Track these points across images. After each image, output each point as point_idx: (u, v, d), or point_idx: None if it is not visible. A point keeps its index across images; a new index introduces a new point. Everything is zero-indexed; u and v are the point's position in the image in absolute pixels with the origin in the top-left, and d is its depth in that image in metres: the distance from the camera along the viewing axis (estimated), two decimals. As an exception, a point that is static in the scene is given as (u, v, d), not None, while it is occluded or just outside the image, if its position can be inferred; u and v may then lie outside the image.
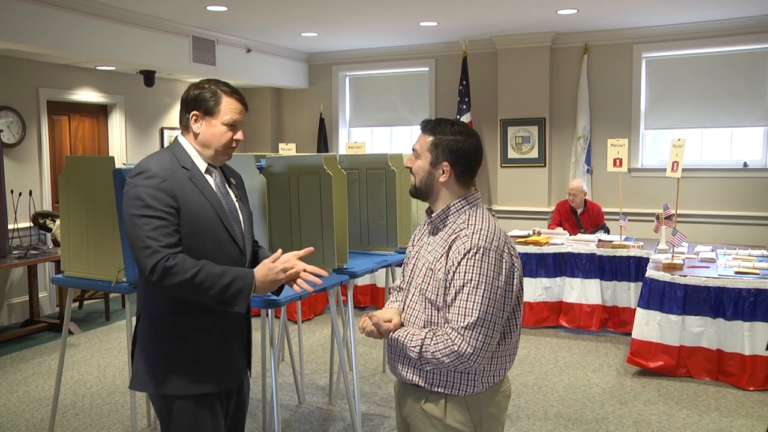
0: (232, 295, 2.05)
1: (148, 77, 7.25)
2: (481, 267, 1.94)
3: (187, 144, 2.22)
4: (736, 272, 4.72)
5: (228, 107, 2.18)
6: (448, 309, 1.97)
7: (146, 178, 2.07)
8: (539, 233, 6.35)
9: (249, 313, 2.29)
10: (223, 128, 2.19)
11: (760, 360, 4.47)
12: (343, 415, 4.24)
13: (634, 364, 4.86)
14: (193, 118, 2.19)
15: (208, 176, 2.21)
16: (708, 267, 4.97)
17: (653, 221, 5.71)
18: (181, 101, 2.24)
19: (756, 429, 3.96)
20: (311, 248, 2.27)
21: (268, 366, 3.94)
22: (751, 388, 4.50)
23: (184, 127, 2.23)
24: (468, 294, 1.93)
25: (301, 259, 2.21)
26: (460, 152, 2.05)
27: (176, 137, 2.26)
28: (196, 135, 2.20)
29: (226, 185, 2.28)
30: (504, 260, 1.98)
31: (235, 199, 2.29)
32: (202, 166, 2.21)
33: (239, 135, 2.23)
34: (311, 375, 4.99)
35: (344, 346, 4.67)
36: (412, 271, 2.16)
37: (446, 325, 1.98)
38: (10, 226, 5.95)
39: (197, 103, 2.18)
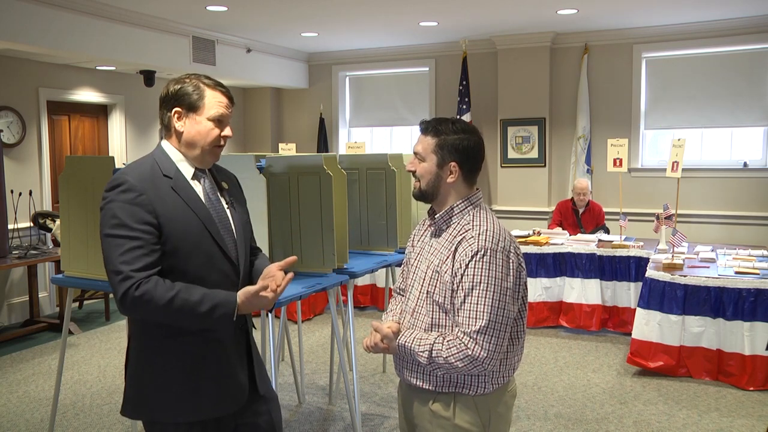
0: (215, 321, 1.90)
1: (148, 77, 7.25)
2: (489, 269, 1.92)
3: (170, 148, 2.02)
4: (736, 272, 4.72)
5: (213, 101, 2.00)
6: (457, 312, 1.95)
7: (121, 192, 1.88)
8: (539, 233, 6.35)
9: (247, 328, 2.15)
10: (209, 124, 1.99)
11: (760, 360, 4.47)
12: (343, 415, 4.24)
13: (634, 364, 4.86)
14: (176, 115, 1.99)
15: (195, 183, 2.02)
16: (708, 267, 4.97)
17: (653, 221, 5.71)
18: (160, 100, 2.04)
19: (756, 429, 3.96)
20: (293, 257, 2.04)
21: (268, 366, 3.93)
22: (751, 388, 4.50)
23: (166, 127, 2.03)
24: (478, 297, 1.92)
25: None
26: (467, 151, 2.03)
27: (159, 143, 2.06)
28: (179, 134, 2.00)
29: (217, 191, 2.09)
30: (511, 260, 1.98)
31: (226, 206, 2.09)
32: (188, 172, 2.01)
33: (227, 131, 2.04)
34: (311, 375, 4.99)
35: (344, 346, 4.67)
36: (413, 273, 2.13)
37: (456, 329, 1.95)
38: (10, 226, 5.95)
39: (178, 98, 1.99)
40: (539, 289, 5.96)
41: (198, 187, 2.03)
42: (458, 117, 7.34)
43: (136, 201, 1.88)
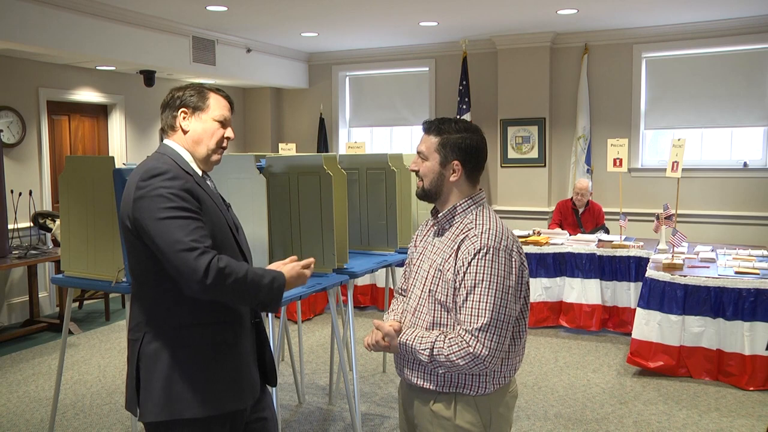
0: (274, 292, 1.96)
1: (148, 77, 7.25)
2: (491, 267, 1.93)
3: (178, 147, 2.07)
4: (736, 272, 4.72)
5: (217, 103, 2.09)
6: (459, 310, 1.96)
7: (168, 180, 1.91)
8: (539, 233, 6.35)
9: (260, 324, 2.19)
10: (214, 124, 2.08)
11: (760, 360, 4.47)
12: (343, 415, 4.24)
13: (634, 364, 4.86)
14: (182, 115, 2.07)
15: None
16: (708, 267, 4.97)
17: (653, 221, 5.71)
18: (163, 105, 2.12)
19: (756, 429, 3.96)
20: (312, 260, 2.15)
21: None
22: (751, 388, 4.50)
23: (171, 127, 2.09)
24: (480, 295, 1.92)
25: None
26: (469, 149, 2.04)
27: (163, 143, 2.10)
28: (185, 132, 2.07)
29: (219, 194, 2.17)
30: (514, 259, 1.98)
31: (227, 210, 2.17)
32: (198, 172, 2.08)
33: (230, 132, 2.12)
34: (311, 375, 4.99)
35: (344, 346, 4.67)
36: (416, 273, 2.14)
37: (458, 327, 1.95)
38: (10, 226, 5.94)
39: (184, 100, 2.07)
40: (539, 289, 5.96)
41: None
42: (458, 117, 7.33)
43: (185, 188, 1.92)
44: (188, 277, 1.84)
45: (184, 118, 2.07)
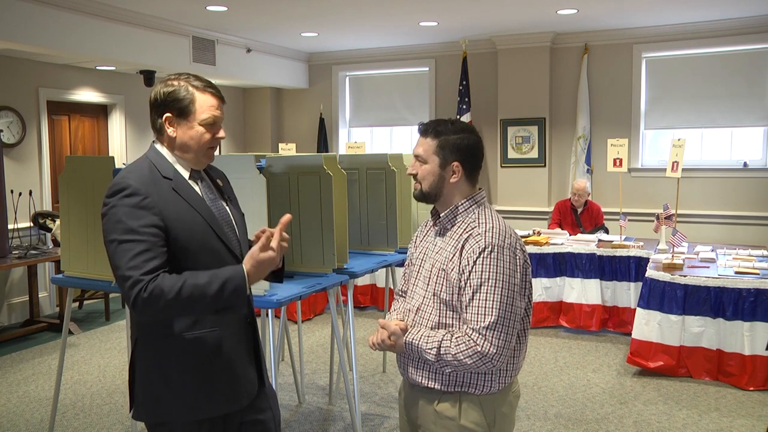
0: (229, 297, 1.87)
1: (148, 77, 7.24)
2: (497, 265, 1.93)
3: (164, 150, 2.02)
4: (736, 272, 4.72)
5: (204, 105, 1.98)
6: (465, 309, 1.95)
7: (126, 197, 1.87)
8: (539, 233, 6.35)
9: (254, 322, 2.17)
10: (201, 129, 1.98)
11: (760, 360, 4.47)
12: (343, 415, 4.24)
13: (634, 364, 4.86)
14: (167, 121, 1.98)
15: (192, 183, 2.03)
16: (708, 267, 4.97)
17: (653, 221, 5.71)
18: (150, 103, 2.01)
19: (756, 429, 3.96)
20: (288, 216, 1.98)
21: (268, 366, 3.92)
22: (751, 388, 4.50)
23: (158, 131, 2.01)
24: (486, 293, 1.92)
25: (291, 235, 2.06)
26: (468, 149, 2.04)
27: (152, 144, 2.06)
28: (172, 140, 2.00)
29: (214, 189, 2.11)
30: (518, 257, 1.98)
31: (225, 204, 2.11)
32: (185, 172, 2.02)
33: (220, 133, 2.03)
34: (311, 375, 4.99)
35: (344, 346, 4.67)
36: (417, 273, 2.13)
37: (465, 326, 1.95)
38: (10, 226, 5.94)
39: (168, 104, 1.97)
40: (539, 289, 5.96)
41: (196, 187, 2.04)
42: (459, 118, 7.33)
43: (141, 204, 1.87)
44: (127, 303, 1.87)
45: (169, 125, 1.98)
